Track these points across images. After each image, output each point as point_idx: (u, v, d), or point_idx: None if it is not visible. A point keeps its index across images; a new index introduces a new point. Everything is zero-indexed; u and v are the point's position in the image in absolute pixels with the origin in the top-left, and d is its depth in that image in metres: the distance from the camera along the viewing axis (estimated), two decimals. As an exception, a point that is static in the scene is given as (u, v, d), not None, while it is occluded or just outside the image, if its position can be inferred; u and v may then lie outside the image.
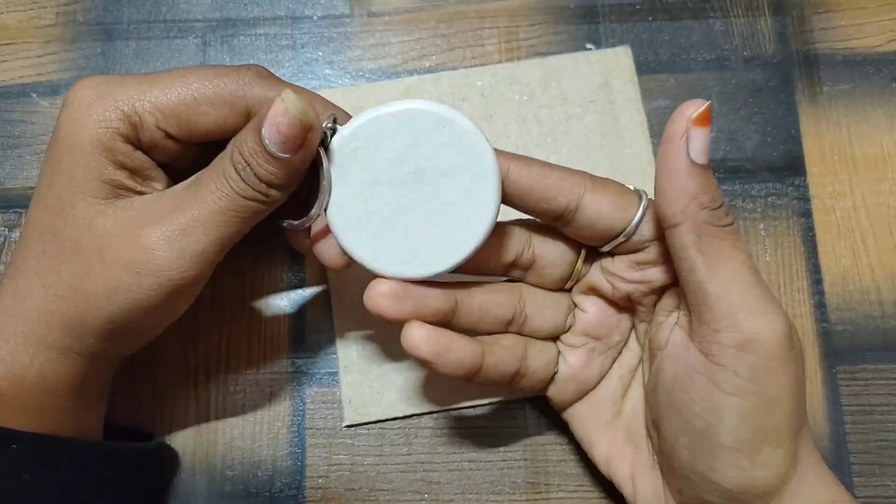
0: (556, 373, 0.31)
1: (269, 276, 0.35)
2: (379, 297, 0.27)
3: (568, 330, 0.31)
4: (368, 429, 0.34)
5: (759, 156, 0.37)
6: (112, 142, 0.25)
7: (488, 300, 0.29)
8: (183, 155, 0.28)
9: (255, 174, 0.24)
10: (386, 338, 0.35)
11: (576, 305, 0.31)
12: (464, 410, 0.34)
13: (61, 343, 0.26)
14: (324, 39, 0.39)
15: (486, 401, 0.34)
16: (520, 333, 0.30)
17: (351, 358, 0.34)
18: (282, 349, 0.35)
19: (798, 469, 0.26)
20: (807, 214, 0.36)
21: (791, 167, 0.37)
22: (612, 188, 0.27)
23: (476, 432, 0.34)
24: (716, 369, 0.25)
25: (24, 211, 0.36)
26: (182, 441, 0.34)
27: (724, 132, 0.37)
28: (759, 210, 0.36)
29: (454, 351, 0.27)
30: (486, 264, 0.29)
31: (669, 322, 0.28)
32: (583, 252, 0.30)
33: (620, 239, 0.27)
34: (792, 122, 0.37)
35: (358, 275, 0.35)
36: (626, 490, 0.30)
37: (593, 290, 0.30)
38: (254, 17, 0.39)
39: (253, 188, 0.25)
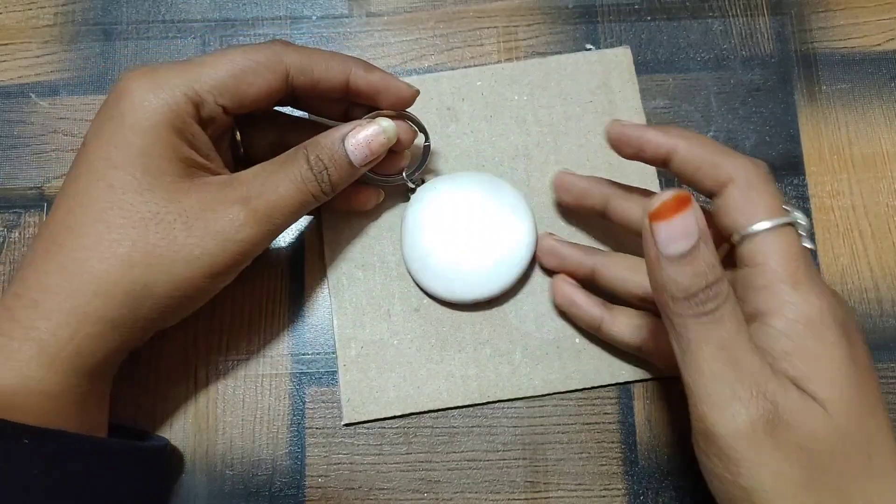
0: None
1: (269, 276, 0.36)
2: (539, 253, 0.35)
3: None
4: (368, 428, 0.34)
5: (758, 155, 0.37)
6: (183, 123, 0.28)
7: (622, 273, 0.33)
8: (226, 130, 0.32)
9: (328, 177, 0.30)
10: (385, 337, 0.35)
11: None
12: (463, 409, 0.34)
13: (115, 314, 0.27)
14: (323, 40, 0.39)
15: (485, 400, 0.34)
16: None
17: (350, 357, 0.34)
18: (281, 348, 0.35)
19: None
20: (805, 213, 0.36)
21: (790, 166, 0.37)
22: (770, 190, 0.27)
23: (475, 431, 0.34)
24: (696, 448, 0.26)
25: (24, 211, 0.36)
26: (182, 441, 0.34)
27: (722, 132, 0.37)
28: (757, 209, 0.36)
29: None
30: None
31: None
32: None
33: (735, 238, 0.27)
34: (790, 121, 0.37)
35: (357, 275, 0.35)
36: None
37: None
38: (253, 18, 0.39)
39: (321, 188, 0.30)
